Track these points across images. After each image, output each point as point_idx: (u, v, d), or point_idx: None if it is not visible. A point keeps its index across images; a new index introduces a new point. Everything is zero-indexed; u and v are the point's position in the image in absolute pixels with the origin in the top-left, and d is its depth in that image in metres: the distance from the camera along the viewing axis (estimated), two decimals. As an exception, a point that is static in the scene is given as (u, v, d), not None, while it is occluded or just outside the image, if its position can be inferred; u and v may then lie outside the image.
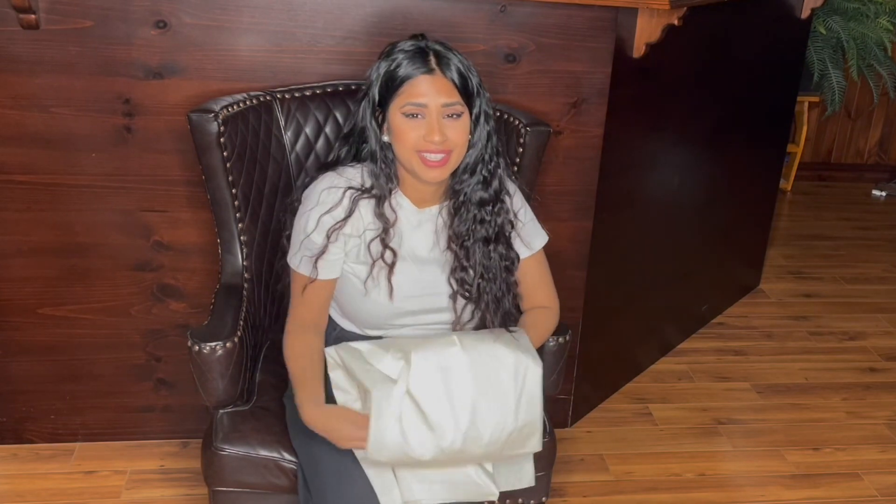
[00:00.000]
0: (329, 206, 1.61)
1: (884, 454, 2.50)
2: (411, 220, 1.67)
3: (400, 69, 1.55)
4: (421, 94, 1.54)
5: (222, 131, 1.76)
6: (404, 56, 1.56)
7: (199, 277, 2.16)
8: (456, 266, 1.67)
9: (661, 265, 2.75)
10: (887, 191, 4.65)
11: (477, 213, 1.65)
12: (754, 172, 3.16)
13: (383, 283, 1.64)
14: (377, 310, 1.67)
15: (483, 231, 1.66)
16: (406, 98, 1.55)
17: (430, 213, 1.69)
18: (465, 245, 1.66)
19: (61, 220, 2.07)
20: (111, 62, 1.93)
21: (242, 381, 1.71)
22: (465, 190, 1.65)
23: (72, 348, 2.20)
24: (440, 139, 1.54)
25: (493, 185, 1.66)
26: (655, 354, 2.91)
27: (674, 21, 2.08)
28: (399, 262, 1.64)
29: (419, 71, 1.54)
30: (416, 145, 1.56)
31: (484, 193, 1.65)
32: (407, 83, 1.55)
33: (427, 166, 1.57)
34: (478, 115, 1.61)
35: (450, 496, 1.58)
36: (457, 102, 1.56)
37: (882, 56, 4.18)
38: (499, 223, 1.68)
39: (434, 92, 1.54)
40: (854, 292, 3.50)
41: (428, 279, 1.68)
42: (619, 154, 2.28)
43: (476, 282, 1.66)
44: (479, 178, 1.64)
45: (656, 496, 2.28)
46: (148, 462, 2.27)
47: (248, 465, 1.66)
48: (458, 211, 1.66)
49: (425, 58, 1.56)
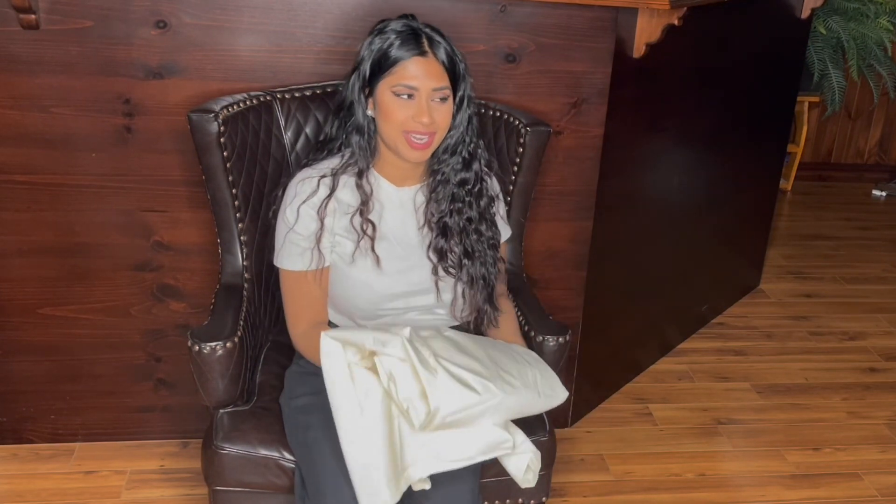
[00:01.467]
0: (306, 195, 1.65)
1: (884, 454, 2.50)
2: (392, 199, 1.72)
3: (392, 49, 1.58)
4: (413, 76, 1.58)
5: (222, 131, 1.76)
6: (397, 36, 1.59)
7: (199, 277, 2.16)
8: (434, 243, 1.70)
9: (661, 265, 2.75)
10: (887, 191, 4.65)
11: (457, 192, 1.71)
12: (754, 172, 3.16)
13: (369, 255, 1.67)
14: (367, 287, 1.68)
15: (466, 211, 1.71)
16: (397, 79, 1.58)
17: (409, 192, 1.73)
18: (444, 221, 1.70)
19: (61, 220, 2.07)
20: (111, 62, 1.93)
21: (242, 381, 1.71)
22: (443, 170, 1.70)
23: (72, 348, 2.20)
24: (428, 121, 1.59)
25: (472, 166, 1.71)
26: (655, 354, 2.91)
27: (674, 21, 2.08)
28: (381, 240, 1.68)
29: (412, 52, 1.58)
30: (404, 125, 1.60)
31: (465, 174, 1.71)
32: (399, 64, 1.58)
33: (412, 147, 1.62)
34: (462, 98, 1.66)
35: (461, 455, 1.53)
36: (445, 87, 1.61)
37: (882, 56, 4.18)
38: (482, 205, 1.74)
39: (425, 75, 1.58)
40: (854, 292, 3.50)
41: (412, 257, 1.71)
42: (619, 154, 2.28)
43: (460, 260, 1.70)
44: (459, 159, 1.70)
45: (656, 496, 2.28)
46: (148, 462, 2.27)
47: (249, 464, 1.66)
48: (435, 189, 1.71)
49: (418, 40, 1.59)
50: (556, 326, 1.80)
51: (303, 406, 1.65)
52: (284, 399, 1.73)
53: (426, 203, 1.72)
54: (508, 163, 1.93)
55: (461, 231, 1.71)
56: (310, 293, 1.68)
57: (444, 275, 1.71)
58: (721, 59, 2.65)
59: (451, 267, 1.71)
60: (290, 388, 1.74)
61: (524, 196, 1.97)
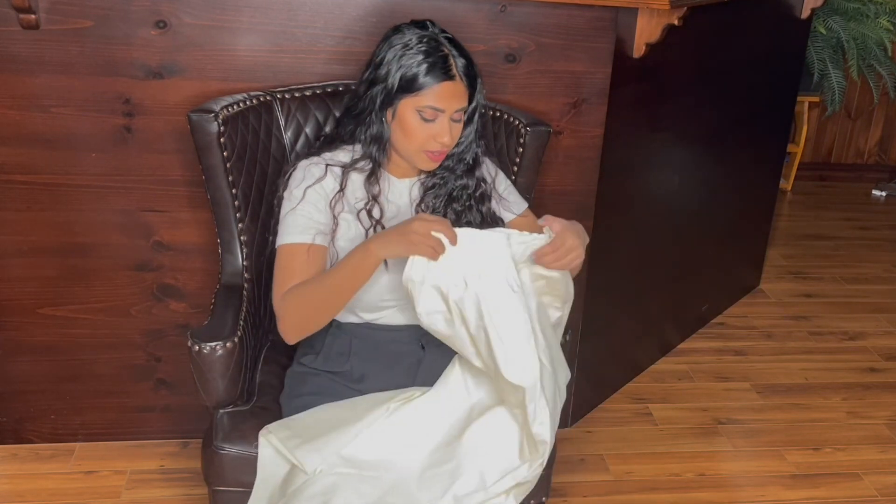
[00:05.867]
0: (314, 179, 1.65)
1: (884, 454, 2.50)
2: (392, 189, 1.72)
3: (421, 73, 1.57)
4: (441, 100, 1.58)
5: (222, 131, 1.76)
6: (425, 58, 1.57)
7: (199, 277, 2.16)
8: None
9: (661, 265, 2.75)
10: (887, 191, 4.65)
11: (456, 194, 1.71)
12: (754, 172, 3.16)
13: None
14: (371, 281, 1.63)
15: (466, 215, 1.71)
16: (424, 101, 1.58)
17: (407, 183, 1.74)
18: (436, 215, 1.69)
19: (61, 220, 2.07)
20: (111, 62, 1.93)
21: (243, 381, 1.71)
22: (443, 174, 1.71)
23: (72, 348, 2.20)
24: (449, 141, 1.61)
25: (475, 172, 1.73)
26: (655, 354, 2.91)
27: (674, 21, 2.08)
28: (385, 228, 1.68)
29: (442, 77, 1.58)
30: (425, 145, 1.61)
31: (467, 180, 1.72)
32: (429, 88, 1.57)
33: (429, 160, 1.64)
34: (475, 109, 1.67)
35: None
36: (466, 106, 1.63)
37: (882, 56, 4.18)
38: (483, 211, 1.74)
39: (451, 98, 1.59)
40: (854, 292, 3.50)
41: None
42: (619, 154, 2.28)
43: None
44: (463, 166, 1.71)
45: (656, 496, 2.28)
46: (148, 462, 2.27)
47: (249, 464, 1.65)
48: (431, 188, 1.72)
49: (446, 63, 1.58)
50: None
51: (304, 405, 1.65)
52: (284, 399, 1.73)
53: (420, 200, 1.72)
54: (508, 163, 1.94)
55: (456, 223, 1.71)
56: (303, 266, 1.61)
57: None
58: (721, 59, 2.65)
59: None
60: (291, 388, 1.74)
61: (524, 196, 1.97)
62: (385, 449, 1.51)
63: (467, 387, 1.56)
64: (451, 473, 1.50)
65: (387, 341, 1.71)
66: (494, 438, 1.51)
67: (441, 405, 1.54)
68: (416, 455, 1.51)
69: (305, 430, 1.57)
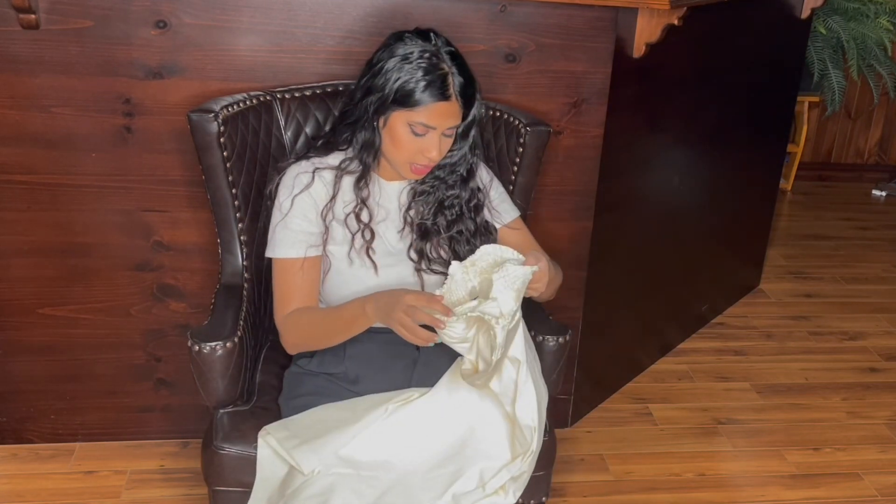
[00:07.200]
0: (302, 186, 1.67)
1: (884, 454, 2.50)
2: (381, 191, 1.74)
3: (418, 90, 1.57)
4: (434, 118, 1.59)
5: (222, 131, 1.76)
6: (424, 75, 1.57)
7: (199, 277, 2.16)
8: (414, 244, 1.72)
9: (660, 265, 2.75)
10: (887, 191, 4.65)
11: (448, 203, 1.72)
12: (754, 172, 3.16)
13: (365, 258, 1.68)
14: (362, 284, 1.68)
15: (458, 224, 1.73)
16: (418, 118, 1.59)
17: (397, 187, 1.75)
18: (424, 225, 1.72)
19: (61, 220, 2.07)
20: (111, 62, 1.93)
21: (243, 381, 1.71)
22: (434, 183, 1.72)
23: (72, 348, 2.20)
24: (436, 155, 1.63)
25: (470, 183, 1.74)
26: (655, 354, 2.91)
27: (674, 21, 2.08)
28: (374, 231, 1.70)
29: (438, 97, 1.58)
30: (412, 158, 1.63)
31: (459, 190, 1.73)
32: (423, 105, 1.58)
33: (413, 172, 1.66)
34: (470, 124, 1.68)
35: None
36: (459, 124, 1.65)
37: (882, 56, 4.18)
38: (478, 222, 1.75)
39: (445, 117, 1.60)
40: (854, 292, 3.50)
41: (399, 248, 1.72)
42: (619, 154, 2.28)
43: (448, 259, 1.71)
44: (456, 177, 1.73)
45: (656, 496, 2.28)
46: (148, 462, 2.27)
47: (249, 464, 1.65)
48: (421, 195, 1.73)
49: (444, 83, 1.58)
50: (556, 326, 1.80)
51: (302, 406, 1.65)
52: (284, 399, 1.73)
53: (409, 207, 1.74)
54: (508, 163, 1.94)
55: (451, 239, 1.73)
56: (300, 280, 1.67)
57: (427, 272, 1.72)
58: (721, 59, 2.65)
59: (431, 266, 1.72)
60: (289, 388, 1.74)
61: (524, 196, 1.97)
62: (383, 450, 1.51)
63: (466, 388, 1.56)
64: (453, 474, 1.50)
65: (381, 343, 1.71)
66: (492, 438, 1.52)
67: (440, 407, 1.54)
68: (415, 456, 1.51)
69: (304, 430, 1.57)
